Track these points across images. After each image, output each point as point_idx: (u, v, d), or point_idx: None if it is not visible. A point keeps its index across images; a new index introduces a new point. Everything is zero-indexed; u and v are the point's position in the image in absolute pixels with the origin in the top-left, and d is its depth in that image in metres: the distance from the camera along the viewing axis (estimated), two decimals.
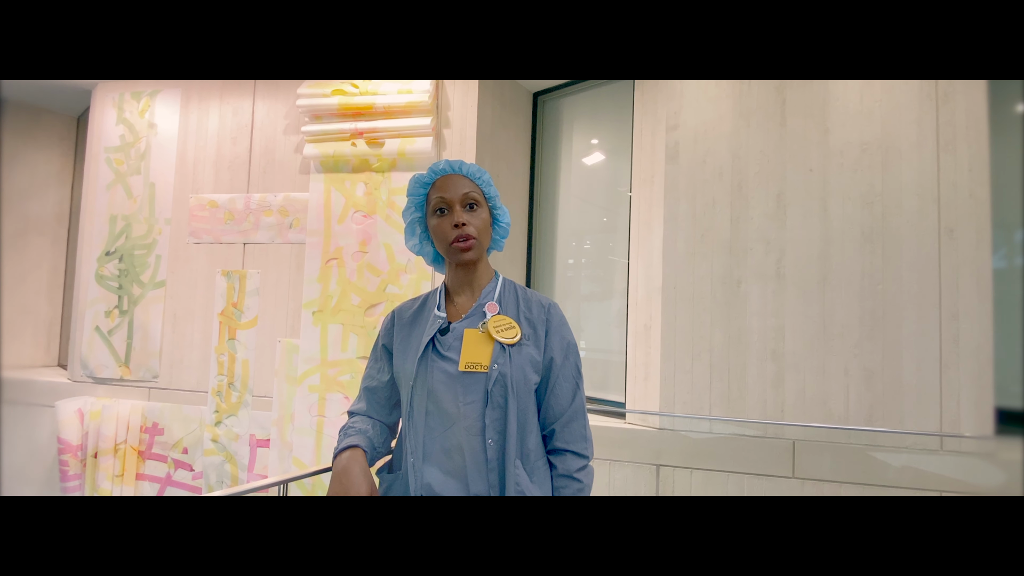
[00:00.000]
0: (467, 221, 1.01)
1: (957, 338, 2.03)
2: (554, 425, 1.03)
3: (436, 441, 0.97)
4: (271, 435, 2.57)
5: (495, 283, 1.09)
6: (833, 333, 2.15)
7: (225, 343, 2.65)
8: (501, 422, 0.95)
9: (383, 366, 1.09)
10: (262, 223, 2.68)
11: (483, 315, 1.03)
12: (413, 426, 0.98)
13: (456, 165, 1.06)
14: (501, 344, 0.98)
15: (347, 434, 1.03)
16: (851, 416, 2.11)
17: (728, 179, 2.28)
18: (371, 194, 2.57)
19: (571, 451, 1.02)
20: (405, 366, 1.02)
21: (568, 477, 1.01)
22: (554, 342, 1.03)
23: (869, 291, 2.12)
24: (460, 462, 0.95)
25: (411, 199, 1.09)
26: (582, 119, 2.85)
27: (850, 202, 2.16)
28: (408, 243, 1.13)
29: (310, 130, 2.57)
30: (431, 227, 1.06)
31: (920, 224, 2.10)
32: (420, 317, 1.08)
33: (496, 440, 0.95)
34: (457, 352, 0.99)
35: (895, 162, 2.13)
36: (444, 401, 0.97)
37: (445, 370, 0.98)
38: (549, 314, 1.06)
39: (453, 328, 1.02)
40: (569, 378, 1.04)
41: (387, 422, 1.11)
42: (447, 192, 1.03)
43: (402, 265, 2.51)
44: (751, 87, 2.27)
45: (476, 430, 0.95)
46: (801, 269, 2.19)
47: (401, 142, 2.50)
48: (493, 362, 0.96)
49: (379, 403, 1.09)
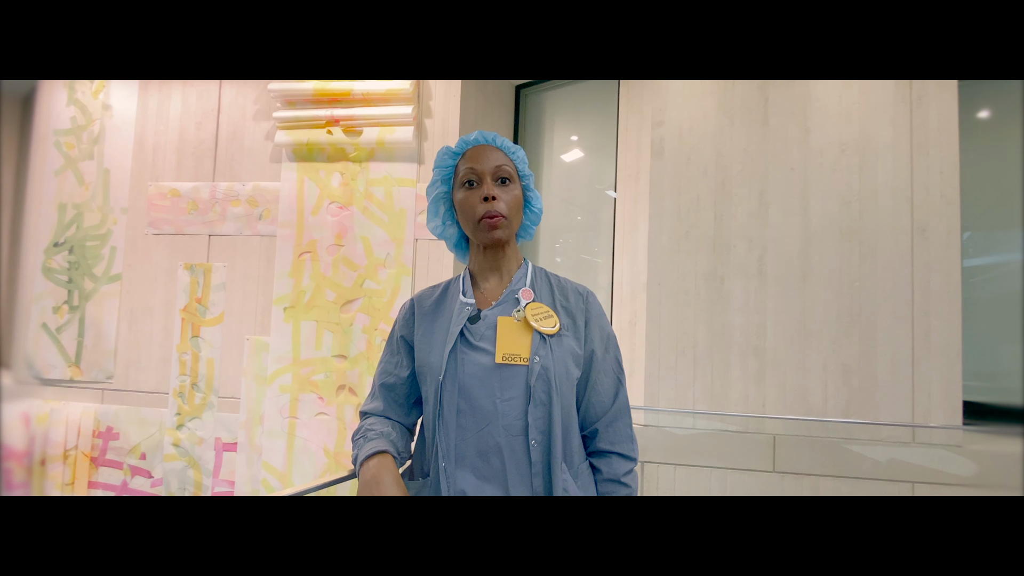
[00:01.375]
0: (498, 195, 0.92)
1: (928, 334, 2.10)
2: (596, 425, 0.95)
3: (469, 442, 0.87)
4: (239, 438, 2.43)
5: (525, 268, 1.00)
6: (812, 329, 2.19)
7: (188, 341, 2.49)
8: (545, 420, 0.86)
9: (401, 360, 0.99)
10: (229, 214, 2.53)
11: (516, 302, 0.94)
12: (444, 426, 0.87)
13: (490, 136, 0.97)
14: (540, 334, 0.89)
15: (367, 437, 0.93)
16: (829, 410, 2.15)
17: (712, 176, 2.29)
18: (347, 185, 2.46)
19: (617, 453, 0.94)
20: (430, 359, 0.92)
21: (615, 482, 0.93)
22: (594, 333, 0.95)
23: (846, 288, 2.17)
24: (498, 465, 0.86)
25: (437, 172, 1.00)
26: (565, 114, 2.82)
27: (829, 201, 2.21)
28: (430, 224, 1.04)
29: (282, 116, 2.44)
30: (457, 201, 0.96)
31: (894, 223, 2.16)
32: (442, 305, 0.98)
33: (540, 441, 0.86)
34: (490, 343, 0.90)
35: (871, 163, 2.18)
36: (478, 397, 0.87)
37: (479, 362, 0.88)
38: (588, 303, 0.97)
39: (484, 316, 0.93)
40: (610, 372, 0.96)
41: (405, 423, 1.01)
42: (478, 163, 0.93)
43: (380, 259, 2.42)
44: (735, 86, 2.29)
45: (517, 429, 0.86)
46: (782, 266, 2.22)
47: (380, 131, 2.40)
48: (534, 354, 0.88)
49: (397, 402, 1.00)
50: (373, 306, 2.41)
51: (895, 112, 2.18)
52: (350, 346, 2.41)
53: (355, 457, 0.93)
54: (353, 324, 2.42)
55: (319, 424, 2.40)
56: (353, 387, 2.39)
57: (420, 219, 2.40)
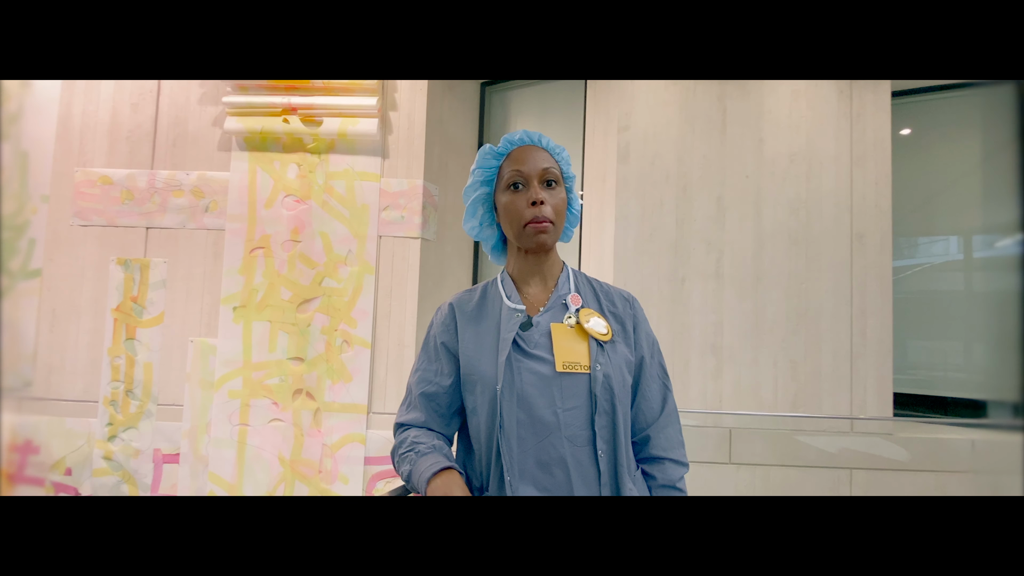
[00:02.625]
0: (545, 200, 0.89)
1: (864, 332, 2.29)
2: (647, 431, 0.94)
3: (529, 454, 0.84)
4: (181, 449, 2.24)
5: (567, 272, 0.97)
6: (764, 328, 2.32)
7: (122, 344, 2.27)
8: (610, 430, 0.85)
9: (442, 368, 0.94)
10: (170, 205, 2.32)
11: (565, 308, 0.91)
12: (505, 439, 0.84)
13: (535, 136, 0.94)
14: (597, 341, 0.88)
15: (420, 452, 0.87)
16: (779, 403, 2.29)
17: (674, 181, 2.37)
18: (305, 177, 2.34)
19: (670, 459, 0.93)
20: (481, 368, 0.88)
21: (671, 487, 0.92)
22: (642, 339, 0.95)
23: (795, 290, 2.32)
24: (562, 477, 0.83)
25: (479, 173, 0.96)
26: (529, 114, 2.83)
27: (779, 208, 2.35)
28: (466, 224, 1.00)
29: (233, 102, 2.28)
30: (501, 204, 0.93)
31: (836, 230, 2.34)
32: (484, 311, 0.94)
33: (606, 451, 0.84)
34: (545, 350, 0.87)
35: (817, 173, 2.35)
36: (538, 407, 0.84)
37: (536, 371, 0.85)
38: (635, 308, 0.97)
39: (537, 323, 0.90)
40: (657, 378, 0.96)
41: (447, 434, 0.96)
42: (524, 165, 0.90)
43: (341, 256, 2.31)
44: (696, 95, 2.39)
45: (583, 440, 0.84)
46: (738, 269, 2.34)
47: (342, 122, 2.30)
48: (594, 361, 0.86)
49: (439, 412, 0.94)
50: (333, 306, 2.30)
51: (837, 126, 2.36)
52: (307, 348, 2.29)
53: (408, 474, 0.88)
54: (311, 325, 2.30)
55: (273, 431, 2.26)
56: (311, 391, 2.27)
57: (384, 215, 2.32)
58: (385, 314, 2.30)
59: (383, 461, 2.24)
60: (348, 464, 2.24)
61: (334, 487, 2.24)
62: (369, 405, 2.26)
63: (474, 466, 0.91)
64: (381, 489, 2.25)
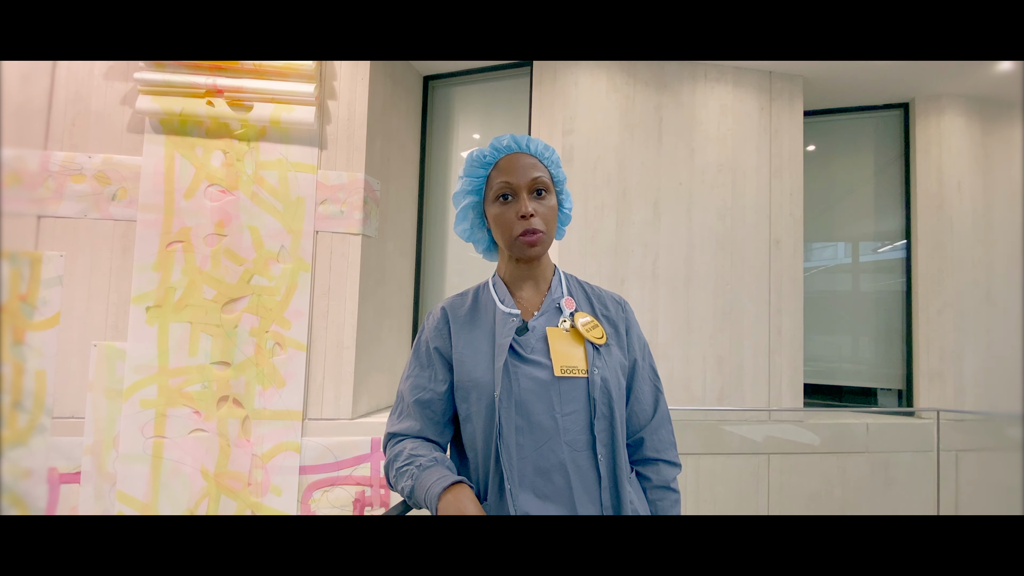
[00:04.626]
0: (535, 211, 0.87)
1: (780, 329, 2.51)
2: (641, 433, 0.94)
3: (528, 461, 0.82)
4: (83, 467, 1.99)
5: (559, 276, 0.97)
6: (694, 326, 2.48)
7: (8, 349, 1.97)
8: (608, 433, 0.85)
9: (435, 374, 0.91)
10: (68, 191, 2.05)
11: (559, 312, 0.91)
12: (505, 446, 0.82)
13: (523, 142, 0.91)
14: (593, 345, 0.88)
15: (421, 466, 0.84)
16: (707, 397, 2.46)
17: (615, 185, 2.46)
18: (232, 166, 2.15)
19: (664, 460, 0.94)
20: (476, 374, 0.86)
21: (666, 488, 0.93)
22: (634, 342, 0.95)
23: (721, 290, 2.50)
24: (562, 483, 0.82)
25: (466, 181, 0.93)
26: (473, 110, 2.80)
27: (708, 214, 2.51)
28: (457, 228, 0.97)
29: (147, 79, 2.05)
30: (492, 216, 0.91)
31: (756, 236, 2.54)
32: (477, 316, 0.92)
33: (605, 454, 0.84)
34: (541, 355, 0.86)
35: (741, 182, 2.54)
36: (536, 413, 0.83)
37: (533, 376, 0.84)
38: (627, 311, 0.97)
39: (532, 327, 0.89)
40: (649, 380, 0.96)
41: (442, 443, 0.93)
42: (513, 176, 0.88)
43: (272, 252, 2.16)
44: (635, 104, 2.49)
45: (582, 444, 0.83)
46: (671, 270, 2.48)
47: (275, 108, 2.14)
48: (591, 365, 0.86)
49: (434, 420, 0.91)
50: (264, 305, 2.15)
51: (758, 140, 2.56)
52: (234, 351, 2.12)
53: (409, 489, 0.84)
54: (238, 326, 2.13)
55: (194, 443, 2.07)
56: (238, 398, 2.10)
57: (322, 209, 2.20)
58: (322, 314, 2.19)
59: (320, 469, 2.13)
60: (281, 474, 2.10)
61: (266, 499, 2.10)
62: (304, 411, 2.14)
63: (469, 475, 0.90)
64: (318, 499, 2.13)
